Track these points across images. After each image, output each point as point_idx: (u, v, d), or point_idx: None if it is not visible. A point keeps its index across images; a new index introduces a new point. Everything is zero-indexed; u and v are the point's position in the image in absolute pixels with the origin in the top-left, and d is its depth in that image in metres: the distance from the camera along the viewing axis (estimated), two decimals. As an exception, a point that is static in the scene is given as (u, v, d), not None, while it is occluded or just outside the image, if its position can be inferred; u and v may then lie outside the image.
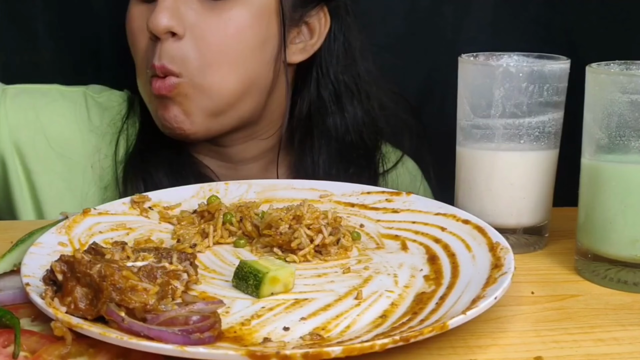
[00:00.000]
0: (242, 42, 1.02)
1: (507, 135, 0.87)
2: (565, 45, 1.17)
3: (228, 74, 1.02)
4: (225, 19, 1.01)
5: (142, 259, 0.74)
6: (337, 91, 1.12)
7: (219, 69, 1.02)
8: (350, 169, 1.02)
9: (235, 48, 1.02)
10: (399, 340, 0.61)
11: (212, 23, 1.01)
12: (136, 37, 1.04)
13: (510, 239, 0.84)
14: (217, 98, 1.03)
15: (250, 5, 1.02)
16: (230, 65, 1.02)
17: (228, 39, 1.01)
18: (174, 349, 0.59)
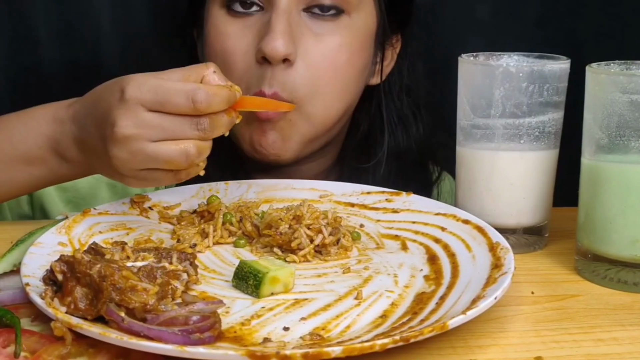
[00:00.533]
0: (351, 68, 1.01)
1: (507, 135, 0.87)
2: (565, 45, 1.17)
3: (335, 101, 1.01)
4: (335, 43, 0.99)
5: (142, 259, 0.74)
6: (400, 112, 1.12)
7: (327, 97, 1.00)
8: (408, 186, 1.00)
9: (344, 76, 1.01)
10: (399, 340, 0.61)
11: (324, 49, 0.98)
12: (235, 57, 0.99)
13: (510, 239, 0.84)
14: (319, 125, 1.01)
15: (356, 29, 1.01)
16: (338, 93, 1.01)
17: (339, 66, 1.00)
18: (174, 349, 0.59)
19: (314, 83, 0.98)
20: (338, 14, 0.99)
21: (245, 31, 0.99)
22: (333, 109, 1.02)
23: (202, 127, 0.76)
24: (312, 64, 0.98)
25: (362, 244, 0.86)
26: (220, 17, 1.01)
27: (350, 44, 1.00)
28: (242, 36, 0.99)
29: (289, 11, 0.97)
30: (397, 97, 1.12)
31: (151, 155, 0.75)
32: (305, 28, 0.98)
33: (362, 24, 1.02)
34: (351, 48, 1.01)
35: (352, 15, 1.00)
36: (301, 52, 0.97)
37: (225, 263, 0.81)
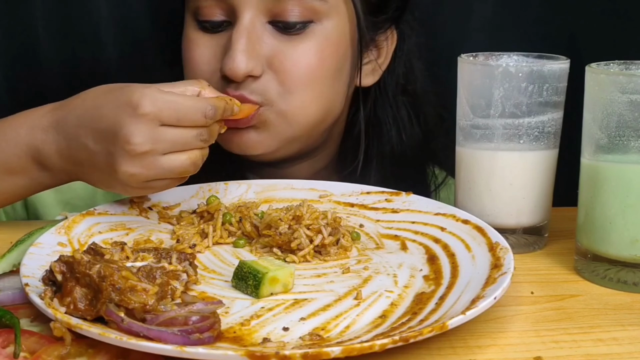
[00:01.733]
0: (323, 72, 0.99)
1: (506, 135, 0.87)
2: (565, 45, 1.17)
3: (310, 100, 0.99)
4: (304, 49, 0.97)
5: (142, 259, 0.74)
6: (395, 111, 1.10)
7: (301, 96, 0.98)
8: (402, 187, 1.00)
9: (317, 75, 0.99)
10: (399, 341, 0.61)
11: (291, 55, 0.97)
12: (200, 66, 0.99)
13: (509, 239, 0.84)
14: (296, 125, 0.99)
15: (328, 34, 0.99)
16: (312, 92, 0.99)
17: (310, 68, 0.98)
18: (174, 349, 0.59)
19: (285, 85, 0.97)
20: (306, 25, 0.97)
21: (212, 42, 0.99)
22: (310, 109, 0.99)
23: (204, 137, 0.80)
24: (280, 71, 0.97)
25: (362, 244, 0.86)
26: (191, 28, 1.01)
27: (321, 48, 0.98)
28: (208, 48, 0.99)
29: (251, 27, 0.95)
30: (392, 96, 1.10)
31: (165, 168, 0.79)
32: (270, 38, 0.97)
33: (334, 29, 0.99)
34: (322, 52, 0.98)
35: (323, 22, 0.98)
36: (267, 62, 0.97)
37: (224, 263, 0.81)
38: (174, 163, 0.79)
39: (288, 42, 0.97)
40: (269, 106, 0.97)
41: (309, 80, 0.98)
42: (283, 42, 0.97)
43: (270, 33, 0.97)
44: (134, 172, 0.78)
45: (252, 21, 0.96)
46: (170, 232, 0.87)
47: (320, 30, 0.98)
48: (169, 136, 0.78)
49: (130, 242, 0.82)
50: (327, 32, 0.99)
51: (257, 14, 0.96)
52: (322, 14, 0.98)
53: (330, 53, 1.00)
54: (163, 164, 0.78)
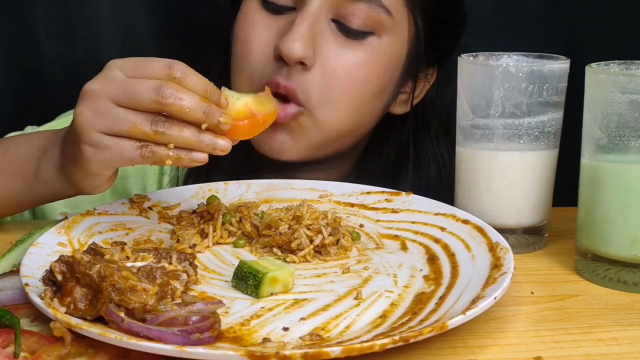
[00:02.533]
0: (368, 87, 1.00)
1: (506, 135, 0.87)
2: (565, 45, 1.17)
3: (346, 114, 1.00)
4: (357, 58, 0.98)
5: (142, 259, 0.74)
6: (435, 148, 1.12)
7: (339, 107, 0.99)
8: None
9: (360, 92, 1.00)
10: (399, 341, 0.61)
11: (344, 61, 0.98)
12: (253, 46, 0.99)
13: (509, 239, 0.84)
14: (327, 134, 1.00)
15: (383, 51, 1.00)
16: (350, 107, 1.00)
17: (356, 81, 0.99)
18: (174, 349, 0.59)
19: (328, 91, 0.98)
20: (366, 35, 0.98)
21: (271, 25, 0.99)
22: (343, 121, 1.00)
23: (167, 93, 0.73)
24: (329, 72, 0.97)
25: (362, 244, 0.86)
26: (252, 7, 1.01)
27: (373, 63, 0.99)
28: (267, 29, 0.99)
29: (317, 16, 0.96)
30: (434, 135, 1.11)
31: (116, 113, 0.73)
32: (330, 36, 0.97)
33: (391, 48, 1.00)
34: (372, 67, 0.99)
35: (382, 38, 0.99)
36: (321, 58, 0.97)
37: (224, 263, 0.81)
38: (128, 113, 0.73)
39: (344, 46, 0.98)
40: (309, 112, 0.97)
41: (352, 90, 0.99)
42: (340, 44, 0.98)
43: (330, 30, 0.98)
44: (85, 112, 0.74)
45: (318, 10, 0.96)
46: (170, 232, 0.87)
47: (377, 44, 0.99)
48: (121, 79, 0.74)
49: (130, 242, 0.82)
50: (383, 48, 1.00)
51: (325, 5, 0.96)
52: (384, 28, 0.99)
53: (379, 70, 1.00)
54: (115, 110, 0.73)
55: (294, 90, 0.96)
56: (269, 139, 0.99)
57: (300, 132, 0.99)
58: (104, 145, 0.74)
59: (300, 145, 1.00)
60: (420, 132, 1.11)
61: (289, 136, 0.99)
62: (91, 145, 0.75)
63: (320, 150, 1.03)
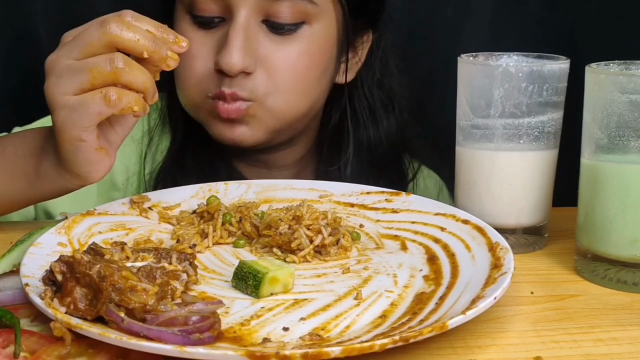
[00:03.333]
0: (312, 71, 1.05)
1: (506, 135, 0.87)
2: (565, 45, 1.17)
3: (297, 99, 1.05)
4: (295, 51, 1.02)
5: (142, 260, 0.74)
6: (372, 105, 1.16)
7: (289, 95, 1.03)
8: (381, 179, 1.04)
9: (306, 77, 1.04)
10: (399, 341, 0.61)
11: (283, 56, 1.02)
12: (193, 61, 1.02)
13: (509, 239, 0.84)
14: (282, 119, 1.05)
15: (317, 37, 1.04)
16: (299, 93, 1.04)
17: (299, 71, 1.03)
18: (174, 349, 0.59)
19: (275, 84, 1.02)
20: (297, 27, 1.02)
21: (206, 39, 1.02)
22: (295, 106, 1.05)
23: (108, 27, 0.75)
24: (271, 69, 1.01)
25: (362, 244, 0.86)
26: (184, 22, 1.04)
27: (311, 50, 1.04)
28: (203, 44, 1.02)
29: (247, 24, 1.00)
30: (368, 91, 1.15)
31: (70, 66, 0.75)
32: (264, 37, 1.01)
33: (323, 31, 1.05)
34: (311, 54, 1.04)
35: (313, 25, 1.03)
36: (260, 59, 1.01)
37: (224, 263, 0.81)
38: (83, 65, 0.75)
39: (280, 42, 1.02)
40: (258, 103, 1.02)
41: (298, 80, 1.03)
42: (275, 42, 1.02)
43: (263, 32, 1.01)
44: (50, 83, 0.76)
45: (247, 19, 1.00)
46: (171, 232, 0.87)
47: (310, 32, 1.03)
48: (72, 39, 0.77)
49: (130, 242, 0.82)
50: (316, 34, 1.04)
51: (252, 12, 1.00)
52: (312, 16, 1.02)
53: (318, 55, 1.05)
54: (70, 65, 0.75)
55: (238, 94, 1.01)
56: (228, 132, 1.03)
57: (256, 121, 1.03)
58: (71, 105, 0.76)
59: (259, 132, 1.05)
60: (356, 91, 1.15)
61: (246, 127, 1.04)
62: (61, 109, 0.76)
63: (280, 134, 1.07)
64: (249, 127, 1.04)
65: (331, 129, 1.16)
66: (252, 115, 1.02)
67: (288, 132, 1.09)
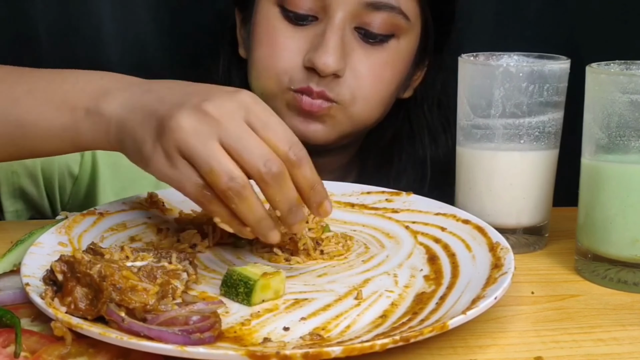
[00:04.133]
0: (392, 84, 1.08)
1: (507, 135, 0.87)
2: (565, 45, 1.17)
3: (376, 107, 1.07)
4: (382, 62, 1.05)
5: (142, 259, 0.74)
6: (430, 123, 1.18)
7: (370, 103, 1.06)
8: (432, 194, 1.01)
9: (387, 88, 1.07)
10: (399, 340, 0.61)
11: (371, 65, 1.04)
12: (282, 51, 1.03)
13: (510, 239, 0.84)
14: (358, 125, 1.07)
15: (402, 51, 1.07)
16: (378, 102, 1.07)
17: (383, 81, 1.06)
18: (174, 349, 0.59)
19: (360, 90, 1.04)
20: (387, 38, 1.05)
21: (296, 33, 1.04)
22: (372, 114, 1.08)
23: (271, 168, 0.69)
24: (358, 76, 1.03)
25: (362, 244, 0.86)
26: (272, 13, 1.05)
27: (395, 63, 1.07)
28: (293, 38, 1.04)
29: (343, 27, 1.01)
30: (427, 109, 1.18)
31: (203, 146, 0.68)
32: (356, 44, 1.03)
33: (407, 47, 1.08)
34: (395, 67, 1.07)
35: (400, 39, 1.06)
36: (350, 65, 1.03)
37: (225, 263, 0.81)
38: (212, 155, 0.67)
39: (369, 51, 1.04)
40: (342, 106, 1.03)
41: (380, 89, 1.06)
42: (365, 49, 1.04)
43: (355, 40, 1.04)
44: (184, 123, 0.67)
45: (343, 22, 1.01)
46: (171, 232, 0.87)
47: (396, 46, 1.06)
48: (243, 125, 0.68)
49: (130, 242, 0.82)
50: (402, 48, 1.07)
51: (348, 17, 1.02)
52: (403, 31, 1.05)
53: (400, 69, 1.08)
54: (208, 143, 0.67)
55: (326, 93, 1.02)
56: (302, 126, 1.04)
57: (333, 123, 1.05)
58: (173, 163, 0.69)
59: (331, 133, 1.06)
60: (415, 109, 1.18)
61: (322, 126, 1.05)
62: (164, 152, 0.69)
63: (347, 138, 1.09)
64: (324, 126, 1.05)
65: (382, 141, 1.18)
66: (332, 115, 1.04)
67: (353, 136, 1.11)
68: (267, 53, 1.05)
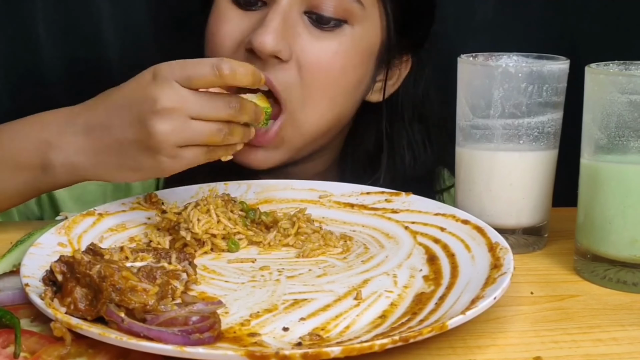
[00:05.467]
0: (345, 78, 1.01)
1: (506, 135, 0.87)
2: (564, 46, 1.17)
3: (326, 110, 1.00)
4: (332, 48, 0.98)
5: (141, 260, 0.74)
6: (410, 136, 1.12)
7: (319, 104, 0.99)
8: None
9: (338, 83, 1.00)
10: (399, 341, 0.61)
11: (320, 52, 0.98)
12: (224, 39, 0.99)
13: (509, 239, 0.84)
14: (308, 135, 1.01)
15: (356, 40, 1.00)
16: (329, 101, 1.00)
17: (334, 72, 0.99)
18: (174, 349, 0.59)
19: (307, 87, 0.97)
20: (339, 24, 0.98)
21: (242, 19, 0.99)
22: (323, 118, 1.01)
23: (233, 105, 0.80)
24: (305, 65, 0.97)
25: (362, 244, 0.86)
26: (223, 2, 1.01)
27: (347, 52, 0.99)
28: (237, 24, 0.99)
29: (288, 10, 0.96)
30: (408, 123, 1.12)
31: (194, 129, 0.79)
32: (303, 29, 0.98)
33: (364, 37, 1.01)
34: (347, 57, 0.99)
35: (355, 27, 0.99)
36: (296, 52, 0.97)
37: (224, 263, 0.81)
38: (201, 126, 0.79)
39: (319, 38, 0.98)
40: (289, 113, 0.97)
41: (330, 82, 0.99)
42: (313, 36, 0.98)
43: (303, 24, 0.98)
44: (164, 130, 0.78)
45: (289, 5, 0.96)
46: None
47: (350, 33, 0.99)
48: (193, 98, 0.79)
49: (130, 243, 0.82)
50: (356, 37, 1.00)
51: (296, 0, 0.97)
52: (356, 18, 0.99)
53: (355, 60, 1.01)
54: (191, 125, 0.79)
55: (274, 85, 0.96)
56: (245, 156, 0.98)
57: (282, 144, 0.99)
58: (181, 157, 0.80)
59: (279, 155, 1.01)
60: (395, 121, 1.12)
61: (266, 153, 0.99)
62: (170, 158, 0.80)
63: (300, 152, 1.03)
64: (269, 153, 1.00)
65: (360, 150, 1.12)
66: (281, 137, 0.98)
67: (309, 148, 1.04)
68: (211, 46, 1.01)
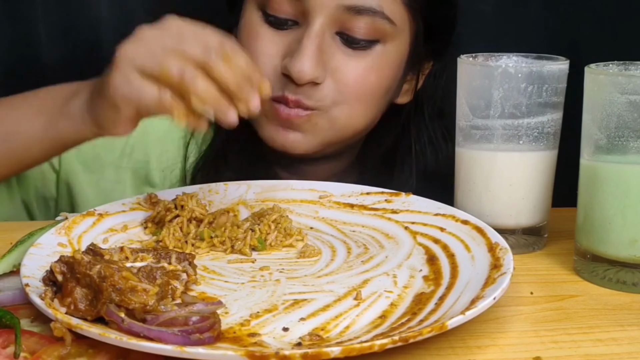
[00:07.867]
0: (378, 88, 1.03)
1: (506, 135, 0.87)
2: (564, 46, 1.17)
3: (359, 114, 1.03)
4: (365, 66, 1.01)
5: (141, 260, 0.74)
6: (431, 132, 1.14)
7: (353, 107, 1.02)
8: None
9: (372, 93, 1.03)
10: (398, 341, 0.61)
11: (354, 69, 1.00)
12: (260, 57, 1.00)
13: (509, 240, 0.84)
14: (341, 131, 1.03)
15: (388, 56, 1.03)
16: (363, 107, 1.03)
17: (367, 87, 1.02)
18: (174, 349, 0.59)
19: (341, 94, 1.00)
20: (371, 44, 1.00)
21: (275, 38, 1.01)
22: (357, 120, 1.04)
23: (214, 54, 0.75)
24: (340, 81, 1.00)
25: (362, 244, 0.86)
26: (255, 18, 1.02)
27: (381, 68, 1.02)
28: (272, 43, 1.00)
29: (321, 33, 0.98)
30: (428, 119, 1.14)
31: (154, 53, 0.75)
32: (336, 49, 0.99)
33: (395, 52, 1.03)
34: (381, 72, 1.02)
35: (387, 44, 1.02)
36: (330, 71, 0.99)
37: (224, 263, 0.81)
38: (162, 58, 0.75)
39: (352, 57, 1.00)
40: (322, 111, 1.00)
41: (365, 94, 1.02)
42: (347, 55, 1.00)
43: (336, 44, 1.00)
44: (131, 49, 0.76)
45: (322, 28, 0.98)
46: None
47: (382, 51, 1.02)
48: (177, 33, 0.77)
49: (130, 243, 0.83)
50: (388, 54, 1.02)
51: (329, 22, 0.98)
52: (388, 36, 1.01)
53: (387, 74, 1.04)
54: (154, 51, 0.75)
55: (302, 102, 0.99)
56: (281, 136, 1.02)
57: (314, 131, 1.02)
58: (130, 80, 0.76)
59: (313, 142, 1.03)
60: (415, 118, 1.14)
61: (301, 134, 1.02)
62: (121, 76, 0.76)
63: (332, 146, 1.06)
64: (303, 135, 1.02)
65: (381, 149, 1.15)
66: (313, 123, 1.01)
67: (338, 145, 1.07)
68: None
